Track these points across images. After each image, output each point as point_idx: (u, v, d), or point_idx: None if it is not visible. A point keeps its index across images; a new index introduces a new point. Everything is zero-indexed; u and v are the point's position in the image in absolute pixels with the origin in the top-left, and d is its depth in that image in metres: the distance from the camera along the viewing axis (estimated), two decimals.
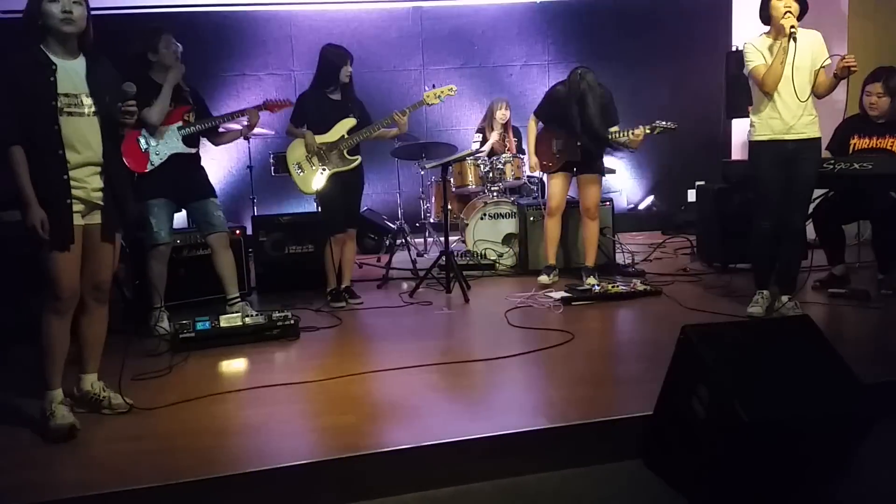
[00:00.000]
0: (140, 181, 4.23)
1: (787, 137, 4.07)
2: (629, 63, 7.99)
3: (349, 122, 4.96)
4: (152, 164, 4.28)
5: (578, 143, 5.21)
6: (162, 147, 4.33)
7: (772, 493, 2.38)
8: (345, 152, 4.95)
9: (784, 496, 2.38)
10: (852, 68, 3.91)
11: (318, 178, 4.92)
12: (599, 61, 7.60)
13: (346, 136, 4.94)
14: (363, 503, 2.51)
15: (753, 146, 4.20)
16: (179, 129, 4.39)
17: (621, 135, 5.14)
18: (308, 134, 4.90)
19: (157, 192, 4.31)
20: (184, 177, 4.42)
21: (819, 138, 4.14)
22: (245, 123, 4.71)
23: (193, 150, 4.48)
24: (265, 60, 7.74)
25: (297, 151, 4.95)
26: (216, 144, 4.83)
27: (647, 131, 5.09)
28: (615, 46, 8.12)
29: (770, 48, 4.06)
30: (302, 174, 4.93)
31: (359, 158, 5.02)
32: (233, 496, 2.46)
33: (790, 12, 3.93)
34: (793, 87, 3.98)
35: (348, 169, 4.98)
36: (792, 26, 3.89)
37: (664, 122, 5.09)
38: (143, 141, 4.27)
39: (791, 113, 4.04)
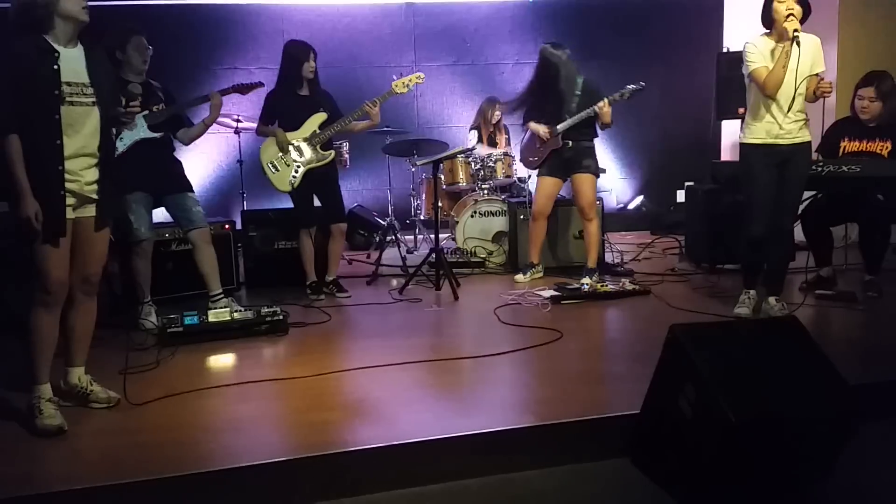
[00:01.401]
0: None
1: (781, 142, 4.04)
2: (621, 63, 7.99)
3: (320, 117, 4.97)
4: (116, 150, 4.10)
5: (559, 132, 5.24)
6: (126, 134, 4.21)
7: (758, 493, 2.39)
8: (318, 147, 4.96)
9: (770, 496, 2.40)
10: (826, 95, 3.99)
11: (292, 176, 4.92)
12: (591, 61, 7.61)
13: (317, 131, 4.95)
14: (350, 499, 2.51)
15: (746, 149, 4.15)
16: (145, 116, 4.26)
17: (587, 114, 5.18)
18: (279, 132, 4.91)
19: (132, 185, 4.19)
20: (158, 168, 4.33)
21: (810, 142, 4.15)
22: (208, 114, 4.46)
23: (159, 135, 4.33)
24: (256, 55, 7.71)
25: (269, 150, 4.95)
26: (186, 142, 4.57)
27: (617, 98, 5.13)
28: (607, 46, 8.12)
29: (772, 51, 4.00)
30: (276, 172, 4.93)
31: (332, 153, 5.04)
32: (220, 491, 2.45)
33: (793, 15, 3.86)
34: (793, 93, 3.95)
35: (322, 164, 4.98)
36: (795, 30, 3.83)
37: (632, 85, 5.13)
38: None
39: (787, 118, 4.01)
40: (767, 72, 3.97)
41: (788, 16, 3.86)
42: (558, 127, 5.26)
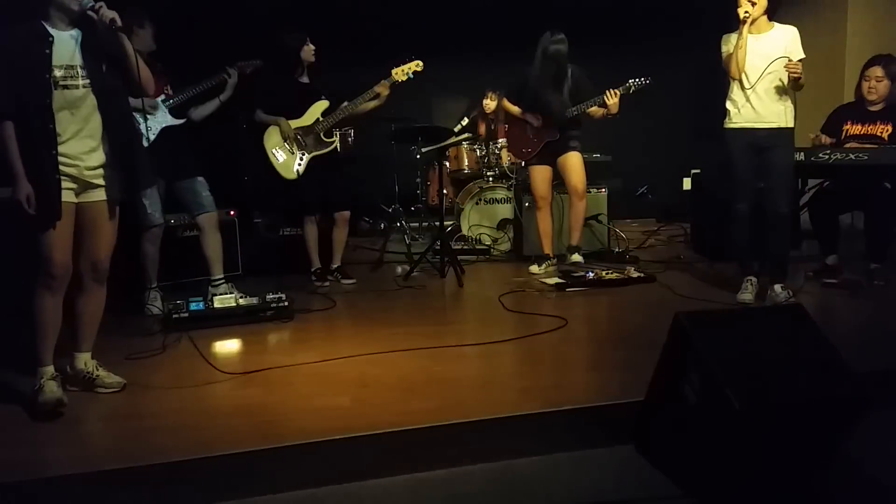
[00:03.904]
0: None
1: (757, 126, 4.21)
2: (626, 48, 7.96)
3: (322, 105, 4.97)
4: (148, 140, 4.20)
5: (553, 122, 5.19)
6: (152, 122, 4.29)
7: (762, 480, 2.39)
8: (321, 135, 4.96)
9: (774, 483, 2.40)
10: (792, 75, 4.08)
11: (297, 163, 4.92)
12: (596, 45, 7.57)
13: (320, 118, 4.94)
14: (356, 484, 2.52)
15: (726, 133, 4.34)
16: (164, 101, 4.36)
17: (594, 103, 5.14)
18: (282, 121, 4.90)
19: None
20: (173, 154, 4.38)
21: (791, 128, 4.22)
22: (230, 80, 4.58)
23: (182, 121, 4.45)
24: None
25: (273, 138, 4.95)
26: (198, 119, 4.69)
27: (621, 91, 5.09)
28: (613, 31, 8.08)
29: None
30: (282, 160, 4.93)
31: (335, 140, 5.03)
32: (224, 476, 2.46)
33: (744, 5, 4.13)
34: (760, 74, 4.14)
35: (326, 151, 4.98)
36: (746, 12, 4.09)
37: (637, 80, 5.09)
38: (136, 117, 4.22)
39: (762, 102, 4.19)
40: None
41: (739, 6, 4.17)
42: (568, 111, 5.20)
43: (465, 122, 7.25)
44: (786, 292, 4.25)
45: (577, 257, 5.11)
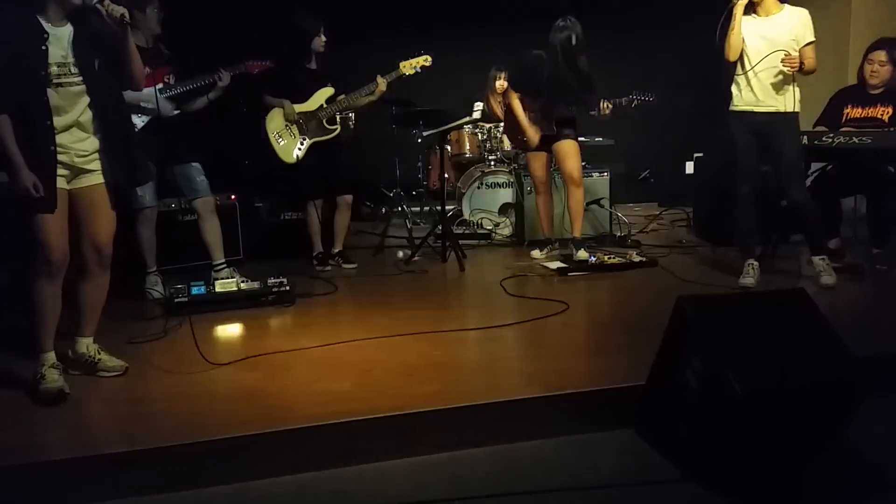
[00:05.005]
0: None
1: (757, 109, 4.22)
2: (630, 30, 7.90)
3: (327, 92, 4.94)
4: (136, 126, 4.14)
5: (552, 115, 5.14)
6: (149, 109, 4.24)
7: (763, 464, 2.40)
8: (324, 121, 4.93)
9: (775, 467, 2.41)
10: (790, 68, 4.06)
11: (298, 148, 4.90)
12: (600, 28, 7.48)
13: (324, 105, 4.92)
14: (358, 468, 2.53)
15: (729, 116, 4.36)
16: (160, 90, 4.29)
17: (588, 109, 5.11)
18: (286, 104, 4.89)
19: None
20: (165, 138, 4.31)
21: (794, 112, 4.20)
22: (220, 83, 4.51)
23: (175, 113, 4.39)
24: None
25: (276, 121, 4.93)
26: (192, 109, 4.62)
27: (623, 103, 5.08)
28: (616, 13, 8.02)
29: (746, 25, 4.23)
30: (282, 143, 4.92)
31: (338, 128, 5.01)
32: (226, 459, 2.47)
33: None
34: (761, 58, 4.13)
35: (328, 138, 4.96)
36: None
37: (640, 96, 5.09)
38: (149, 99, 4.19)
39: (761, 85, 4.19)
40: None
41: None
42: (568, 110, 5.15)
43: (478, 108, 7.17)
44: (824, 262, 4.31)
45: (583, 254, 5.04)
